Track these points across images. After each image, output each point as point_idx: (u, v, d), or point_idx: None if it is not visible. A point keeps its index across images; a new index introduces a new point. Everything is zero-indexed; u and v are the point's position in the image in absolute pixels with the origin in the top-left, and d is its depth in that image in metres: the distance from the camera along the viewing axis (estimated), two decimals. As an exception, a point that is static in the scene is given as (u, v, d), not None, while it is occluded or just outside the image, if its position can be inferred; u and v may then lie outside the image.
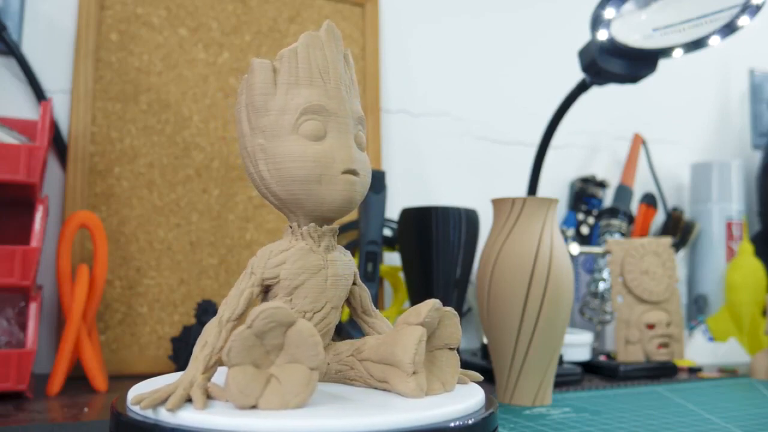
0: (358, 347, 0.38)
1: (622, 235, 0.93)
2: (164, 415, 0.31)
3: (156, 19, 0.77)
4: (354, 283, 0.40)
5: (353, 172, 0.37)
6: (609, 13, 0.71)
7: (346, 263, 0.39)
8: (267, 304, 0.32)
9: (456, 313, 0.38)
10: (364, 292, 0.41)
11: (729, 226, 1.05)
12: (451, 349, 0.37)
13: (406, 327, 0.35)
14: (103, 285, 0.63)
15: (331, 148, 0.36)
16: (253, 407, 0.31)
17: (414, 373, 0.34)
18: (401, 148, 0.93)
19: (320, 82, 0.37)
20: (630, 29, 0.72)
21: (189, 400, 0.33)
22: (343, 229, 0.77)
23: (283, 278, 0.37)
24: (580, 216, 0.99)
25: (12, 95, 0.72)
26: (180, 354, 0.65)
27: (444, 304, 0.71)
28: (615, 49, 0.71)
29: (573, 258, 0.88)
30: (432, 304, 0.36)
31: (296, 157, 0.36)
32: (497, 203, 0.59)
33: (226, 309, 0.36)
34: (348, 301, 0.41)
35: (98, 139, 0.73)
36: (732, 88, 1.23)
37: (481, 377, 0.40)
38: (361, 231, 0.70)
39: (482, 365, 0.70)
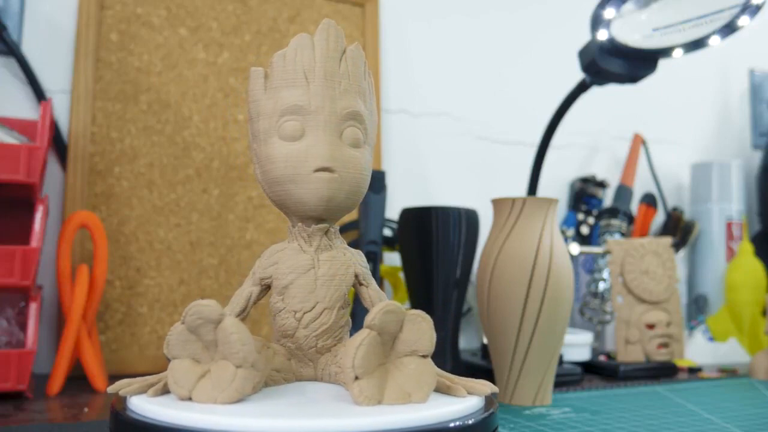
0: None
1: (622, 235, 0.93)
2: (164, 415, 0.31)
3: (156, 19, 0.77)
4: (361, 284, 0.39)
5: (326, 170, 0.36)
6: (609, 13, 0.71)
7: (342, 263, 0.38)
8: (198, 301, 0.33)
9: (425, 317, 0.34)
10: (374, 293, 0.39)
11: (729, 226, 1.05)
12: (423, 356, 0.34)
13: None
14: (103, 285, 0.63)
15: (306, 147, 0.36)
16: (190, 399, 0.33)
17: (356, 378, 0.32)
18: (401, 148, 0.93)
19: (303, 82, 0.37)
20: (630, 29, 0.72)
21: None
22: (343, 229, 0.77)
23: (274, 278, 0.38)
24: (580, 216, 0.99)
25: (12, 95, 0.72)
26: (180, 354, 0.65)
27: (444, 304, 0.70)
28: (615, 49, 0.71)
29: (573, 258, 0.88)
30: (382, 306, 0.33)
31: (273, 159, 0.37)
32: (497, 203, 0.59)
33: (228, 307, 0.38)
34: (359, 303, 0.41)
35: (98, 139, 0.73)
36: (732, 88, 1.23)
37: (488, 391, 0.36)
38: (361, 231, 0.70)
39: (482, 365, 0.70)
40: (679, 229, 1.03)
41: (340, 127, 0.37)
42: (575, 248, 0.83)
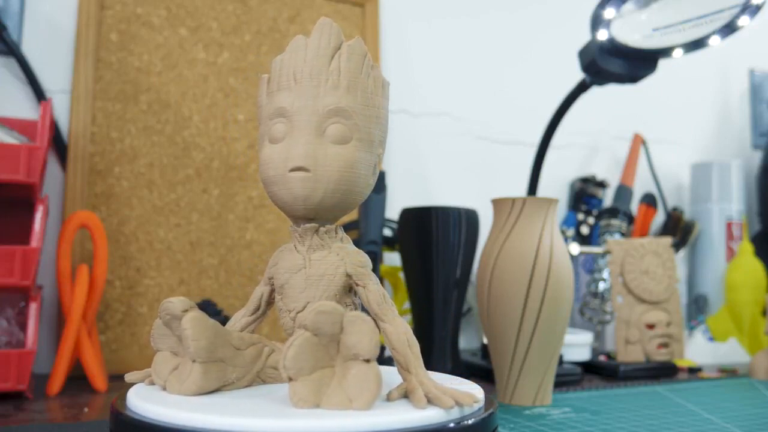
0: None
1: (622, 235, 0.93)
2: (164, 415, 0.31)
3: (156, 19, 0.77)
4: (357, 285, 0.38)
5: (300, 169, 0.36)
6: (609, 13, 0.71)
7: (332, 263, 0.37)
8: (169, 298, 0.35)
9: (365, 318, 0.32)
10: (372, 294, 0.38)
11: (729, 226, 1.05)
12: (366, 360, 0.32)
13: None
14: (103, 285, 0.63)
15: (286, 148, 0.36)
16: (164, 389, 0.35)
17: (290, 379, 0.32)
18: (401, 148, 0.93)
19: (292, 84, 0.37)
20: (630, 29, 0.72)
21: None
22: (344, 229, 0.77)
23: (275, 277, 0.39)
24: (580, 216, 0.99)
25: (12, 95, 0.72)
26: (180, 354, 0.65)
27: (444, 304, 0.70)
28: (615, 49, 0.71)
29: (573, 258, 0.88)
30: (315, 306, 0.32)
31: (263, 161, 0.38)
32: (497, 203, 0.59)
33: (244, 308, 0.40)
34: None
35: (98, 139, 0.73)
36: (732, 88, 1.23)
37: (452, 404, 0.32)
38: (361, 231, 0.70)
39: (482, 365, 0.70)
40: (679, 229, 1.03)
41: (323, 125, 0.37)
42: (575, 248, 0.83)
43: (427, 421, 0.31)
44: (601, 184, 1.01)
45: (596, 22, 0.72)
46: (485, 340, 0.70)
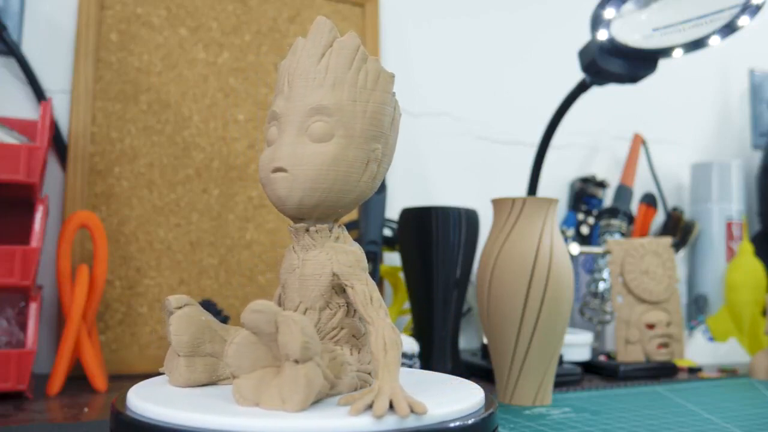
0: None
1: (622, 235, 0.93)
2: (164, 415, 0.31)
3: (156, 19, 0.77)
4: (346, 285, 0.37)
5: (279, 170, 0.36)
6: (609, 13, 0.71)
7: (320, 262, 0.37)
8: (171, 295, 0.37)
9: (296, 319, 0.31)
10: (359, 294, 0.36)
11: (729, 226, 1.05)
12: (295, 361, 0.31)
13: None
14: (103, 285, 0.63)
15: (273, 150, 0.37)
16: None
17: (234, 376, 0.32)
18: (401, 148, 0.92)
19: (286, 87, 0.38)
20: (630, 29, 0.72)
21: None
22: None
23: (280, 277, 0.39)
24: (580, 216, 0.99)
25: (12, 95, 0.72)
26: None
27: (444, 304, 0.70)
28: (615, 49, 0.71)
29: (573, 258, 0.88)
30: (250, 305, 0.32)
31: (258, 165, 0.39)
32: (497, 203, 0.59)
33: None
34: None
35: (98, 139, 0.73)
36: (732, 88, 1.23)
37: (381, 413, 0.30)
38: (361, 231, 0.70)
39: (482, 365, 0.70)
40: (679, 229, 1.03)
41: (306, 124, 0.36)
42: (575, 248, 0.83)
43: (426, 421, 0.30)
44: (601, 184, 1.01)
45: (596, 22, 0.72)
46: (485, 340, 0.70)
